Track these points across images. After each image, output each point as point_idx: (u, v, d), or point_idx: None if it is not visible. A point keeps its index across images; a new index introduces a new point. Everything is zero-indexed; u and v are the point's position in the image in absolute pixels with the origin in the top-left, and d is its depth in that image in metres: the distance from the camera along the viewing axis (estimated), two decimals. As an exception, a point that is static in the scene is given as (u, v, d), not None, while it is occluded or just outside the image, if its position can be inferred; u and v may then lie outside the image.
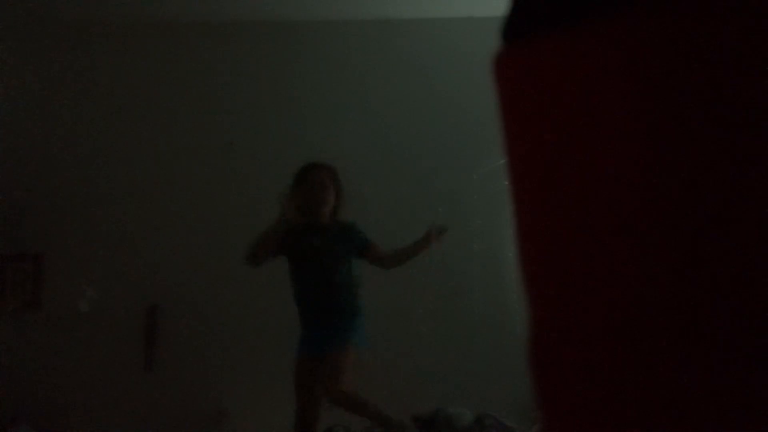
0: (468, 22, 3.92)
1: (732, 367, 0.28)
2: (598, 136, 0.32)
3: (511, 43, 0.37)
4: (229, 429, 3.63)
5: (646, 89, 0.31)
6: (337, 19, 4.11)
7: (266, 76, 4.12)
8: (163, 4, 3.97)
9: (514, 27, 0.37)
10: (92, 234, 3.92)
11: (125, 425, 3.60)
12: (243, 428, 3.60)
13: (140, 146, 4.04)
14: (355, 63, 4.13)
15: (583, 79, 0.33)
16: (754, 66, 0.29)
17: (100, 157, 4.03)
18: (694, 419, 0.29)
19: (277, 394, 2.58)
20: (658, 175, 0.30)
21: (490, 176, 3.76)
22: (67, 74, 4.10)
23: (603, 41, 0.32)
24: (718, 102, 0.29)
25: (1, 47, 4.06)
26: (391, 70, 4.11)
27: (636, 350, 0.30)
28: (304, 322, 2.69)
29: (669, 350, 0.30)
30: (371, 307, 2.76)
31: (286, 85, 4.11)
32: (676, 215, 0.30)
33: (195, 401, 3.72)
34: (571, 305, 0.33)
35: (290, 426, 2.60)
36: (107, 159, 4.03)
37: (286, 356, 2.64)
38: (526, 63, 0.36)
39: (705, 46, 0.30)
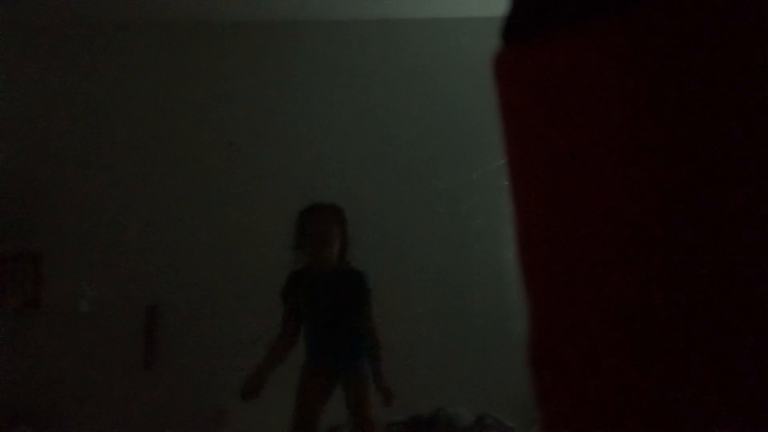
0: (468, 22, 3.92)
1: (731, 367, 0.28)
2: (598, 135, 0.32)
3: (511, 43, 0.37)
4: (229, 429, 3.63)
5: (646, 89, 0.31)
6: (337, 19, 4.11)
7: (266, 76, 4.12)
8: (163, 4, 3.97)
9: (514, 27, 0.37)
10: (92, 234, 3.92)
11: (125, 425, 3.60)
12: (243, 428, 3.59)
13: (140, 146, 4.04)
14: (355, 63, 4.13)
15: (582, 79, 0.33)
16: (754, 66, 0.29)
17: (100, 156, 4.03)
18: (694, 419, 0.29)
19: (277, 394, 2.58)
20: (658, 175, 0.30)
21: (490, 176, 3.76)
22: (67, 74, 4.10)
23: (602, 41, 0.32)
24: (718, 102, 0.29)
25: (1, 47, 4.06)
26: (391, 70, 4.10)
27: (635, 350, 0.30)
28: (311, 348, 2.67)
29: (668, 350, 0.30)
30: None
31: (286, 85, 4.11)
32: (676, 215, 0.30)
33: (195, 401, 3.72)
34: (571, 306, 0.33)
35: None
36: (107, 159, 4.03)
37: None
38: (526, 63, 0.36)
39: (704, 47, 0.30)
